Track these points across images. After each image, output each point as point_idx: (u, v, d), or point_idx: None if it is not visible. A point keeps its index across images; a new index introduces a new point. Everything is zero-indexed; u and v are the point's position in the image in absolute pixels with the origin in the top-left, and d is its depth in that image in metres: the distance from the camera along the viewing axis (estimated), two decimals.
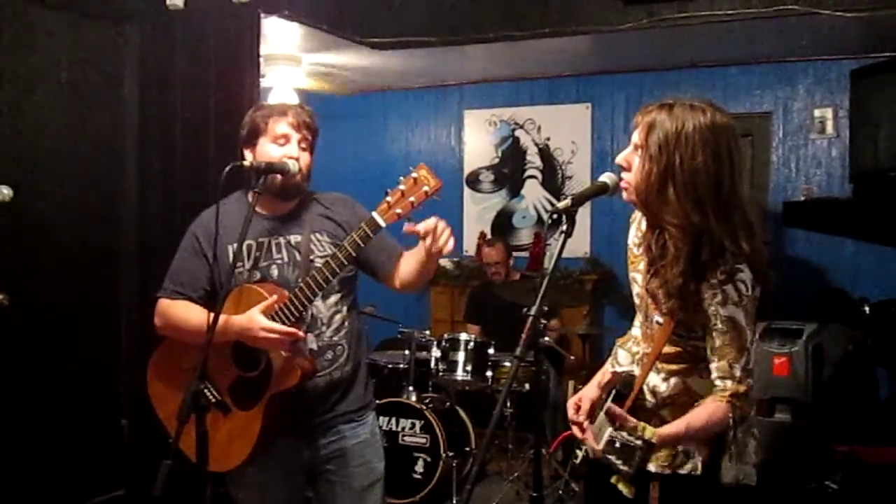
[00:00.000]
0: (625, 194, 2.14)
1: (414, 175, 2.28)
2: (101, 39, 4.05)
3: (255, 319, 2.42)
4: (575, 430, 2.25)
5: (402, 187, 2.29)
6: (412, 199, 2.27)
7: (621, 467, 1.97)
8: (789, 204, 6.06)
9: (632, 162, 2.11)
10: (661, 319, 2.16)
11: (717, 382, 2.05)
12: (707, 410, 2.03)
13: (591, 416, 2.25)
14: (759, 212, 6.00)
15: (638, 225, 2.29)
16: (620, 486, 2.05)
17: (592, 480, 2.30)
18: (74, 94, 3.95)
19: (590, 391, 2.33)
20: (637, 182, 2.08)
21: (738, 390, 2.02)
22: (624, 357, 2.35)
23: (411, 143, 7.59)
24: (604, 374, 2.35)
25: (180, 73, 4.26)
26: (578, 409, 2.30)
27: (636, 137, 2.09)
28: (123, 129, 4.15)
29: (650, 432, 1.96)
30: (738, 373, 2.03)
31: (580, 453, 2.30)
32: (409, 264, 2.60)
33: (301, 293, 2.42)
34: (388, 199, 2.30)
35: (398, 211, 2.29)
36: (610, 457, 1.99)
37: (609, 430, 1.99)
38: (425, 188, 2.27)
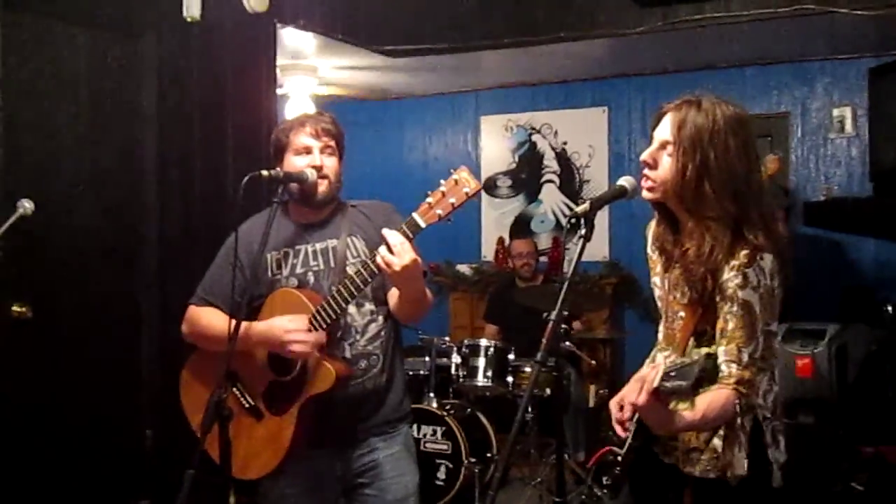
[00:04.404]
0: (648, 193, 2.13)
1: (455, 177, 2.27)
2: (119, 52, 4.09)
3: (275, 324, 2.43)
4: (618, 428, 2.22)
5: (442, 188, 2.28)
6: (453, 200, 2.26)
7: (681, 384, 1.88)
8: (809, 204, 6.01)
9: (658, 159, 2.10)
10: (683, 314, 2.15)
11: (723, 367, 2.01)
12: (718, 399, 1.99)
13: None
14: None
15: (651, 231, 2.29)
16: (680, 406, 1.96)
17: (637, 478, 2.26)
18: (94, 107, 3.99)
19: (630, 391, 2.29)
20: (671, 178, 2.07)
21: (742, 377, 1.99)
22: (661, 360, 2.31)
23: (428, 149, 7.59)
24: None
25: (198, 84, 4.30)
26: (621, 407, 2.26)
27: (664, 134, 2.09)
28: (143, 142, 4.19)
29: (699, 353, 1.93)
30: (745, 358, 2.00)
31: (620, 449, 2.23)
32: (393, 293, 2.54)
33: (333, 300, 2.41)
34: (429, 199, 2.29)
35: (439, 212, 2.28)
36: (667, 384, 1.90)
37: (661, 368, 1.93)
38: (466, 189, 2.25)
